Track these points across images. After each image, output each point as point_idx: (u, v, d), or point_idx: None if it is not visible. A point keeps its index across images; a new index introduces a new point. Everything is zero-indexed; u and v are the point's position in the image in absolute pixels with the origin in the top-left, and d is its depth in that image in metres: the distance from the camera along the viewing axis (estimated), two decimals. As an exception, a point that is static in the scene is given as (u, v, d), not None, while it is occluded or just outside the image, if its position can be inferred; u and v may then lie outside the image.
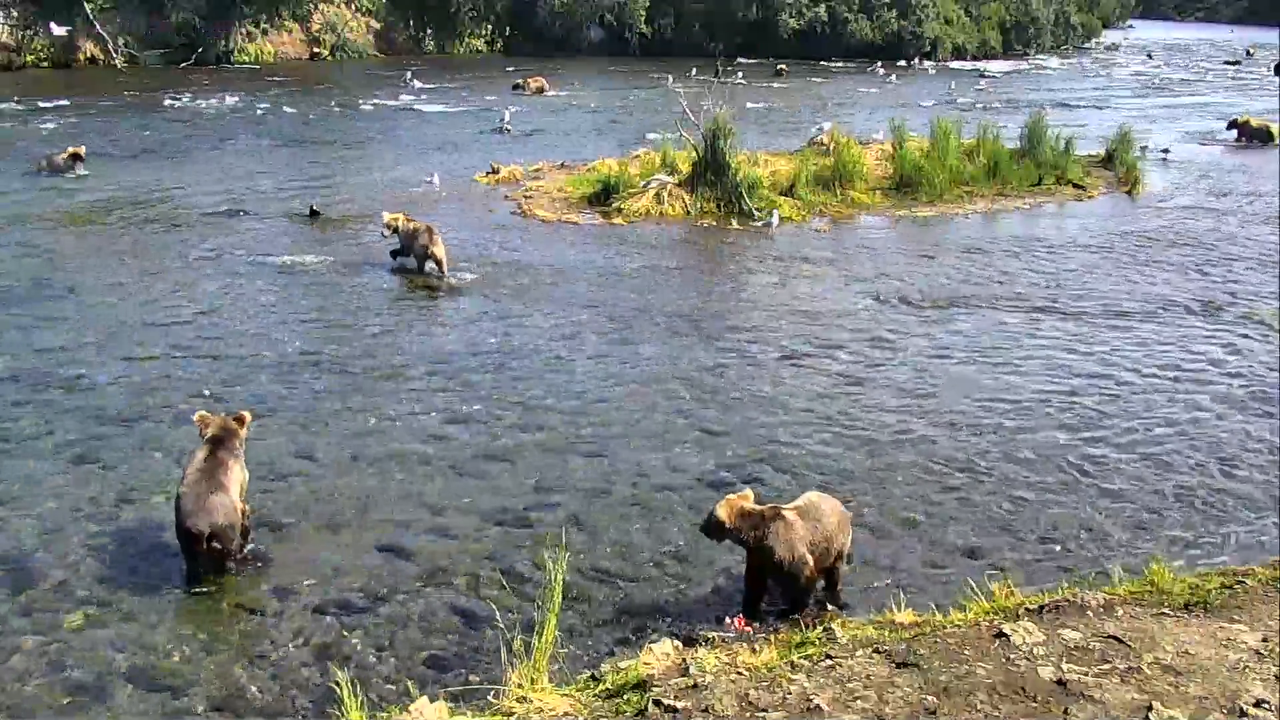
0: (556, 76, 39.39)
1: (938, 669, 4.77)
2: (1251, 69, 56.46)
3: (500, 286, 13.04)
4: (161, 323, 11.31)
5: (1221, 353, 11.16)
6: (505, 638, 5.01)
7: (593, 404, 9.42)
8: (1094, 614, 5.32)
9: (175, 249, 14.44)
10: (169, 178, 19.40)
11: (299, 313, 11.89)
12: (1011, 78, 48.98)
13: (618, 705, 4.64)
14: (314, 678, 5.58)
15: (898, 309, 12.55)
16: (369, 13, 48.91)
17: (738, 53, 51.74)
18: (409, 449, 8.38)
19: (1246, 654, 4.93)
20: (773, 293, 13.18)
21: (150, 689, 5.48)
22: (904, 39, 56.45)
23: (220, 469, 6.56)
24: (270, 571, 6.62)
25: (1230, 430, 9.14)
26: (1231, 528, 7.44)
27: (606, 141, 24.98)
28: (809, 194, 18.10)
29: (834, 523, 6.24)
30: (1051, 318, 12.30)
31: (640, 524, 7.28)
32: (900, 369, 10.48)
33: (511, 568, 6.67)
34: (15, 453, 8.10)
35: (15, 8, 37.53)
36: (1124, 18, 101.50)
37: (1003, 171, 20.05)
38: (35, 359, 10.09)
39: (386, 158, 22.60)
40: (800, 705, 4.48)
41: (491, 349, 10.78)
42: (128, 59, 39.41)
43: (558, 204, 17.80)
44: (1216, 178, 22.46)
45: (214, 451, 6.68)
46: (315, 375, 9.96)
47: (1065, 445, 8.75)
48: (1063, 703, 4.48)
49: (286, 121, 27.86)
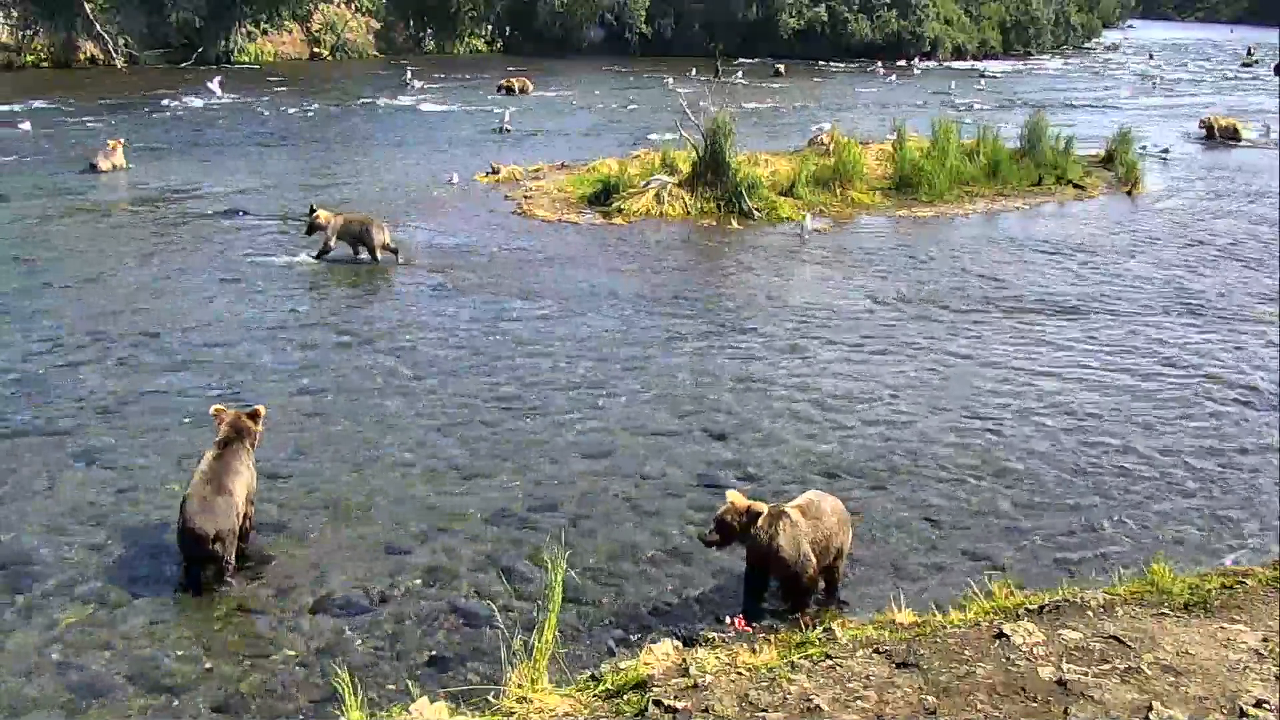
0: (556, 76, 39.43)
1: (938, 669, 4.77)
2: (1251, 69, 56.48)
3: (500, 287, 13.03)
4: (162, 322, 11.30)
5: (1221, 352, 11.16)
6: (505, 638, 5.01)
7: (593, 404, 9.41)
8: (1094, 614, 5.32)
9: (175, 249, 14.44)
10: (169, 178, 19.39)
11: (299, 312, 11.88)
12: (1011, 78, 48.97)
13: (618, 705, 4.65)
14: (314, 678, 5.58)
15: (898, 309, 12.55)
16: (369, 13, 48.90)
17: (737, 53, 51.72)
18: (409, 449, 8.38)
19: (1246, 654, 4.93)
20: (773, 292, 13.17)
21: (150, 689, 5.48)
22: (904, 39, 56.45)
23: (227, 473, 6.53)
24: (270, 571, 6.61)
25: (1230, 430, 9.15)
26: (1232, 528, 7.44)
27: (606, 141, 24.97)
28: (809, 194, 18.10)
29: (834, 521, 6.25)
30: (1051, 317, 12.31)
31: (640, 524, 7.28)
32: (900, 368, 10.48)
33: (511, 568, 6.67)
34: (15, 452, 8.10)
35: (15, 8, 37.53)
36: (1124, 18, 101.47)
37: (1003, 171, 20.06)
38: (34, 358, 10.08)
39: (387, 158, 22.58)
40: (800, 705, 4.48)
41: (491, 349, 10.77)
42: (128, 59, 39.40)
43: (558, 204, 17.80)
44: (1217, 178, 22.46)
45: (221, 454, 6.65)
46: (315, 375, 9.96)
47: (1065, 445, 8.75)
48: (1063, 703, 4.48)
49: (286, 121, 27.85)
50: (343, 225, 13.93)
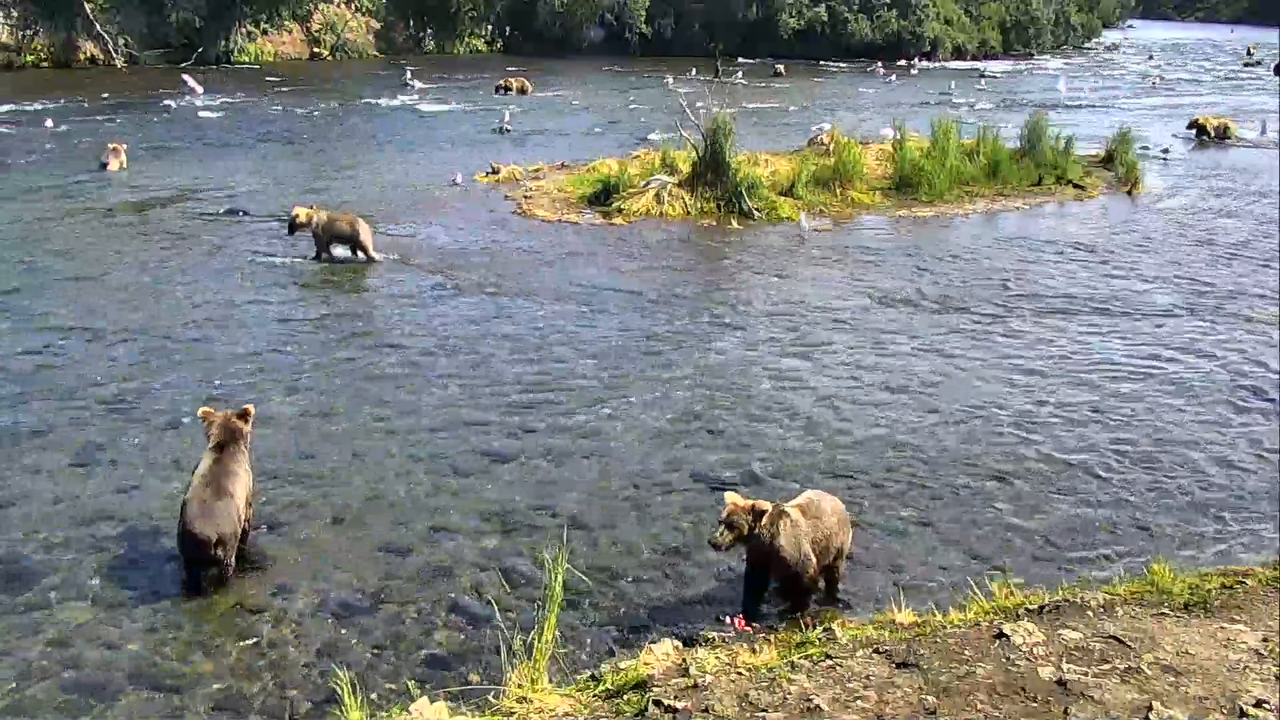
0: (556, 76, 39.43)
1: (938, 669, 4.77)
2: (1251, 69, 56.48)
3: (500, 287, 13.03)
4: (162, 322, 11.31)
5: (1221, 352, 11.16)
6: (505, 638, 5.01)
7: (592, 403, 9.41)
8: (1094, 614, 5.32)
9: (176, 248, 14.44)
10: (169, 178, 19.39)
11: (299, 312, 11.88)
12: (1011, 78, 48.97)
13: (618, 705, 4.65)
14: (314, 678, 5.58)
15: (898, 309, 12.55)
16: (369, 13, 48.93)
17: (737, 53, 51.76)
18: (409, 449, 8.38)
19: (1246, 654, 4.93)
20: (773, 292, 13.17)
21: (150, 689, 5.48)
22: (904, 39, 56.49)
23: (226, 475, 6.51)
24: (270, 571, 6.61)
25: (1230, 430, 9.14)
26: (1231, 528, 7.44)
27: (606, 141, 24.97)
28: (809, 194, 18.10)
29: (834, 521, 6.26)
30: (1051, 317, 12.30)
31: (640, 524, 7.28)
32: (901, 369, 10.48)
33: (511, 568, 6.67)
34: (15, 452, 8.10)
35: (15, 8, 37.53)
36: (1124, 18, 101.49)
37: (1003, 171, 20.05)
38: (34, 357, 10.08)
39: (386, 158, 22.58)
40: (800, 705, 4.48)
41: (491, 349, 10.77)
42: (128, 59, 39.41)
43: (558, 204, 17.80)
44: (1217, 177, 22.46)
45: (219, 457, 6.63)
46: (315, 375, 9.96)
47: (1065, 445, 8.74)
48: (1063, 703, 4.48)
49: (286, 121, 27.86)
50: (326, 222, 13.81)
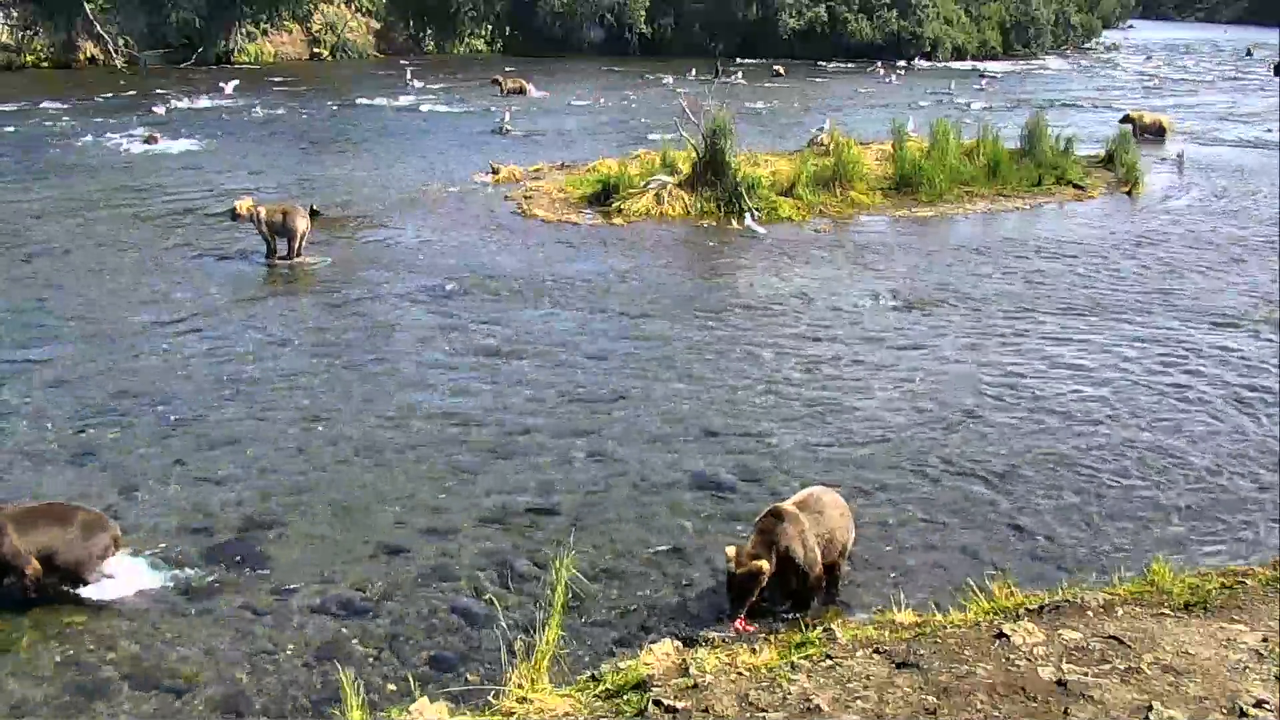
0: (556, 76, 39.41)
1: (938, 669, 4.77)
2: (1250, 69, 56.45)
3: (500, 287, 13.03)
4: (162, 321, 11.32)
5: (1220, 352, 11.15)
6: (506, 638, 5.01)
7: (592, 403, 9.41)
8: (1094, 614, 5.32)
9: (176, 248, 14.44)
10: (169, 177, 19.39)
11: (299, 312, 11.89)
12: (1011, 78, 48.96)
13: (618, 705, 4.65)
14: (314, 678, 5.58)
15: (898, 309, 12.54)
16: (369, 13, 48.93)
17: (737, 53, 51.72)
18: (409, 449, 8.38)
19: (1246, 654, 4.93)
20: (773, 293, 13.17)
21: (150, 689, 5.48)
22: (904, 39, 56.41)
23: None
24: (270, 571, 6.62)
25: (1230, 430, 9.13)
26: (1231, 528, 7.44)
27: (606, 141, 24.96)
28: (809, 194, 18.09)
29: (836, 515, 6.24)
30: (1051, 317, 12.29)
31: (640, 524, 7.28)
32: (901, 368, 10.47)
33: (512, 568, 6.67)
34: (14, 452, 8.10)
35: (15, 8, 37.53)
36: (1124, 18, 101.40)
37: (1003, 172, 20.01)
38: (33, 356, 10.09)
39: (386, 158, 22.58)
40: (800, 705, 4.48)
41: (491, 349, 10.77)
42: (128, 59, 39.41)
43: (558, 204, 17.80)
44: (1217, 178, 22.44)
45: None
46: (315, 375, 9.96)
47: (1064, 444, 8.74)
48: (1063, 703, 4.48)
49: (286, 121, 27.85)
50: (264, 216, 13.54)
